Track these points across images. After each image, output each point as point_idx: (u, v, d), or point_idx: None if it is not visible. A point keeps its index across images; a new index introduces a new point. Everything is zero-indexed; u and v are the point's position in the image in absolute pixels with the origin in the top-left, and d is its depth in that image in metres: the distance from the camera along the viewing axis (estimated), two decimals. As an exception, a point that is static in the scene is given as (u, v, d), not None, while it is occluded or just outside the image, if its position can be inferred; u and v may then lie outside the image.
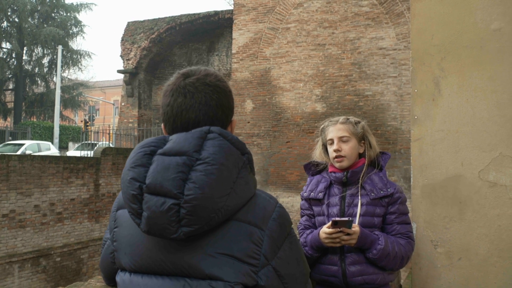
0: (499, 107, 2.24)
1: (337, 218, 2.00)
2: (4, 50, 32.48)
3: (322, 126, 2.31)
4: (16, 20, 31.75)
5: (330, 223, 2.01)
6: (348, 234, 1.99)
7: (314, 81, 14.30)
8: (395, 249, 2.03)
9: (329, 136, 2.21)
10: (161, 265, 1.11)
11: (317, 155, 2.31)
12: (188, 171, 1.06)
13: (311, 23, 14.40)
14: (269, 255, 1.11)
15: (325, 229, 2.03)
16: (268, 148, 14.65)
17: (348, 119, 2.23)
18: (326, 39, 14.22)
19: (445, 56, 2.35)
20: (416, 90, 2.44)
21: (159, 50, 19.27)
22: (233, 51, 15.50)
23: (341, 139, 2.16)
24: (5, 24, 32.01)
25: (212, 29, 18.39)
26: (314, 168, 2.32)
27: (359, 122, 2.23)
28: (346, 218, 1.97)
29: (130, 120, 19.50)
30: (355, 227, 2.00)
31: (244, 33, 15.28)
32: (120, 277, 1.19)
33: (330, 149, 2.20)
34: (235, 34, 15.46)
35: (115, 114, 36.33)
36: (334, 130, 2.20)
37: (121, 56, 19.25)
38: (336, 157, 2.15)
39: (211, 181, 1.05)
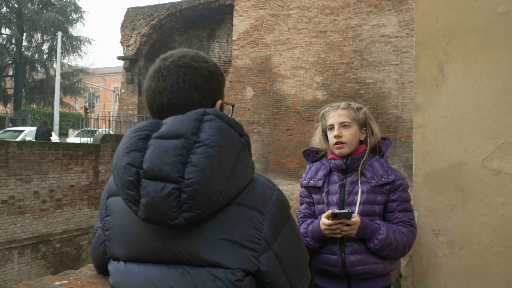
0: (505, 93, 2.18)
1: (336, 211, 1.94)
2: (4, 36, 32.30)
3: (322, 111, 2.24)
4: (16, 6, 31.50)
5: (328, 212, 1.96)
6: (348, 225, 1.94)
7: (315, 69, 14.21)
8: (397, 238, 1.98)
9: (329, 122, 2.14)
10: (158, 253, 1.07)
11: (316, 141, 2.25)
12: (187, 154, 1.02)
13: (312, 9, 14.26)
14: (270, 239, 1.08)
15: (324, 220, 1.98)
16: (268, 135, 14.60)
17: (350, 104, 2.17)
18: (328, 26, 14.10)
19: (450, 40, 2.28)
20: (419, 76, 2.38)
21: (159, 36, 19.13)
22: (234, 38, 15.39)
23: (342, 125, 2.10)
24: (4, 9, 31.77)
25: (213, 16, 18.22)
26: (313, 155, 2.26)
27: (361, 108, 2.17)
28: (346, 210, 1.92)
29: (130, 107, 19.43)
30: (355, 217, 1.95)
31: (245, 19, 15.15)
32: (114, 265, 1.14)
33: (330, 135, 2.13)
34: (235, 21, 15.33)
35: (115, 101, 36.21)
36: (335, 115, 2.13)
37: (121, 42, 19.12)
38: (336, 143, 2.09)
39: (212, 164, 1.01)
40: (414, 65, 2.43)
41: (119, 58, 19.28)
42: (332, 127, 2.13)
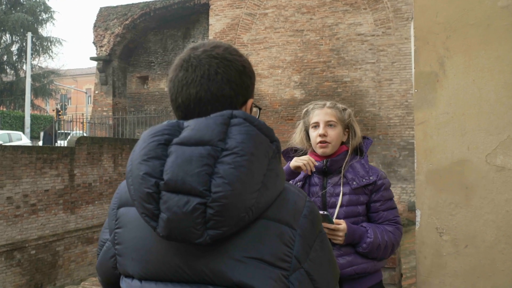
0: (507, 88, 2.15)
1: None
2: (-30, 37, 31.33)
3: (306, 108, 2.19)
4: (-17, 6, 30.63)
5: None
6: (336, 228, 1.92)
7: (293, 68, 14.20)
8: (384, 239, 1.99)
9: (314, 120, 2.09)
10: (178, 272, 0.95)
11: (297, 140, 2.20)
12: (214, 164, 0.91)
13: (289, 8, 14.24)
14: (301, 257, 0.97)
15: None
16: (247, 135, 14.52)
17: (335, 104, 2.14)
18: (304, 25, 14.10)
19: (450, 34, 2.24)
20: (419, 71, 2.33)
21: (133, 36, 18.83)
22: (210, 37, 15.25)
23: (327, 124, 2.06)
24: (-29, 10, 30.85)
25: (188, 15, 18.03)
26: (293, 154, 2.20)
27: (345, 109, 2.15)
28: (321, 212, 1.88)
29: (104, 109, 19.06)
30: (342, 223, 1.93)
31: (221, 18, 15.04)
32: (127, 283, 1.02)
33: (314, 133, 2.08)
34: (211, 20, 15.20)
35: (88, 103, 35.53)
36: (321, 113, 2.09)
37: (93, 43, 18.74)
38: (320, 142, 2.04)
39: (242, 175, 0.90)
40: (413, 60, 2.38)
41: (92, 58, 18.90)
42: (316, 125, 2.08)
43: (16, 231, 11.23)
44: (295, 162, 2.04)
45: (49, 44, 33.53)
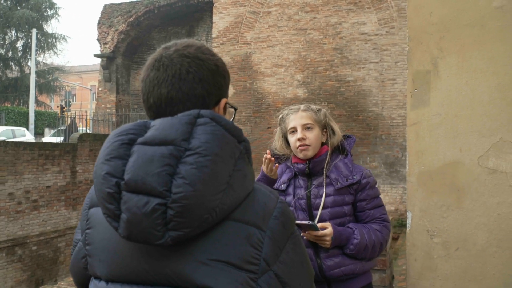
0: (500, 89, 2.12)
1: (297, 221, 1.90)
2: (-24, 33, 31.45)
3: (281, 115, 2.18)
4: (-12, 2, 30.74)
5: None
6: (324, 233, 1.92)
7: (296, 67, 14.16)
8: (372, 239, 1.98)
9: (290, 125, 2.09)
10: (144, 274, 0.93)
11: (278, 147, 2.20)
12: (176, 164, 0.89)
13: (292, 7, 14.20)
14: (270, 259, 0.94)
15: None
16: (249, 134, 14.49)
17: (309, 106, 2.13)
18: (308, 23, 14.06)
19: (444, 35, 2.22)
20: (412, 72, 2.30)
21: (137, 34, 18.83)
22: (213, 35, 15.24)
23: (304, 127, 2.06)
24: (-24, 6, 30.98)
25: (192, 13, 18.01)
26: (277, 158, 2.20)
27: (320, 110, 2.14)
28: (306, 222, 1.89)
29: (108, 106, 19.10)
30: (327, 226, 1.92)
31: (225, 16, 15.01)
32: (95, 284, 1.01)
33: (293, 139, 2.08)
34: (215, 18, 15.18)
35: (92, 100, 35.61)
36: (297, 118, 2.08)
37: (98, 40, 18.76)
38: (300, 146, 2.04)
39: (204, 176, 0.88)
40: (407, 60, 2.36)
41: (96, 55, 18.93)
42: (294, 130, 2.08)
43: (18, 227, 11.27)
44: (262, 166, 2.08)
45: (54, 40, 33.64)
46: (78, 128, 19.82)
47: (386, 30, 13.25)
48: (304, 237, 1.97)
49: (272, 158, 2.05)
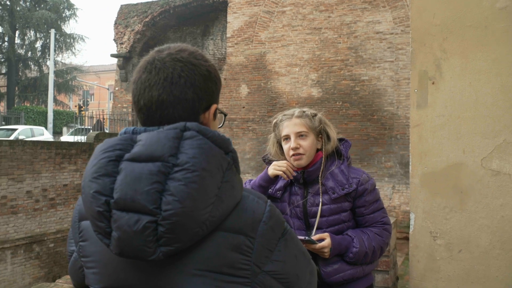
0: (504, 91, 2.11)
1: None
2: (-4, 34, 32.05)
3: (274, 120, 2.11)
4: (8, 3, 31.22)
5: None
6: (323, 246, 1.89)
7: (310, 66, 14.12)
8: (371, 245, 1.94)
9: (284, 132, 2.02)
10: (138, 287, 0.96)
11: (272, 153, 2.13)
12: (164, 181, 0.89)
13: (307, 6, 14.16)
14: (261, 262, 0.95)
15: None
16: (263, 133, 14.51)
17: (304, 112, 2.04)
18: (322, 22, 14.01)
19: (447, 36, 2.21)
20: (415, 73, 2.30)
21: (153, 33, 18.98)
22: (228, 35, 15.28)
23: (298, 135, 1.98)
24: (-4, 7, 31.57)
25: (207, 13, 18.09)
26: (271, 163, 2.15)
27: (315, 115, 2.05)
28: (302, 237, 1.84)
29: (124, 105, 19.29)
30: (326, 237, 1.89)
31: (239, 16, 15.04)
32: None
33: (286, 146, 2.01)
34: (229, 18, 15.22)
35: (110, 99, 35.99)
36: (290, 125, 2.01)
37: (114, 40, 18.96)
38: (293, 155, 1.98)
39: (193, 192, 0.88)
40: (410, 62, 2.35)
41: (112, 55, 19.13)
42: (287, 137, 2.01)
43: (35, 224, 11.47)
44: (273, 169, 2.00)
45: (72, 40, 34.08)
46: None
47: (401, 29, 13.14)
48: None
49: (291, 168, 1.99)
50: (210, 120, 1.08)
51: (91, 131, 16.92)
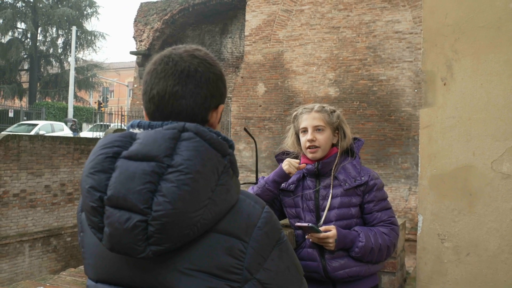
0: (516, 93, 2.07)
1: (298, 223, 1.97)
2: (19, 30, 32.58)
3: (295, 113, 2.20)
4: (31, 0, 31.78)
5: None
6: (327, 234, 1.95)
7: (328, 65, 14.06)
8: (378, 242, 1.96)
9: (302, 125, 2.10)
10: (130, 280, 0.97)
11: (289, 144, 2.22)
12: (157, 181, 0.90)
13: (325, 5, 14.09)
14: (253, 268, 0.95)
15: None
16: (280, 132, 14.49)
17: (323, 107, 2.13)
18: (341, 21, 13.93)
19: (459, 37, 2.18)
20: (426, 73, 2.28)
21: (172, 31, 19.11)
22: (246, 34, 15.29)
23: (315, 129, 2.07)
24: (20, 4, 32.11)
25: (225, 11, 18.14)
26: (284, 157, 2.21)
27: (334, 111, 2.13)
28: (306, 224, 1.91)
29: (142, 102, 19.47)
30: (331, 229, 1.93)
31: (257, 15, 15.04)
32: (89, 281, 1.05)
33: (303, 138, 2.10)
34: (248, 16, 15.23)
35: (129, 96, 36.35)
36: (309, 118, 2.09)
37: (134, 37, 19.15)
38: (309, 147, 2.06)
39: (185, 194, 0.89)
40: (421, 62, 2.33)
41: (132, 53, 19.32)
42: (305, 130, 2.09)
43: (53, 218, 11.67)
44: (286, 166, 2.07)
45: (93, 38, 34.53)
46: (113, 124, 20.29)
47: (421, 28, 12.98)
48: (310, 239, 1.99)
49: (302, 165, 2.07)
50: (217, 120, 1.09)
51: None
